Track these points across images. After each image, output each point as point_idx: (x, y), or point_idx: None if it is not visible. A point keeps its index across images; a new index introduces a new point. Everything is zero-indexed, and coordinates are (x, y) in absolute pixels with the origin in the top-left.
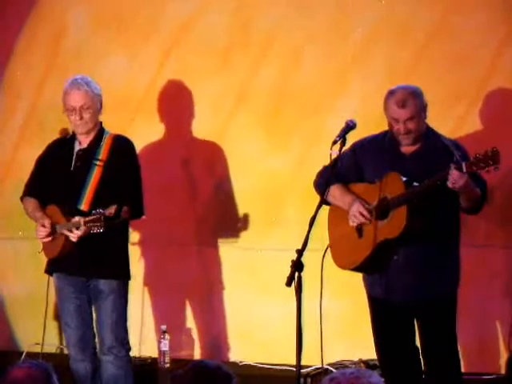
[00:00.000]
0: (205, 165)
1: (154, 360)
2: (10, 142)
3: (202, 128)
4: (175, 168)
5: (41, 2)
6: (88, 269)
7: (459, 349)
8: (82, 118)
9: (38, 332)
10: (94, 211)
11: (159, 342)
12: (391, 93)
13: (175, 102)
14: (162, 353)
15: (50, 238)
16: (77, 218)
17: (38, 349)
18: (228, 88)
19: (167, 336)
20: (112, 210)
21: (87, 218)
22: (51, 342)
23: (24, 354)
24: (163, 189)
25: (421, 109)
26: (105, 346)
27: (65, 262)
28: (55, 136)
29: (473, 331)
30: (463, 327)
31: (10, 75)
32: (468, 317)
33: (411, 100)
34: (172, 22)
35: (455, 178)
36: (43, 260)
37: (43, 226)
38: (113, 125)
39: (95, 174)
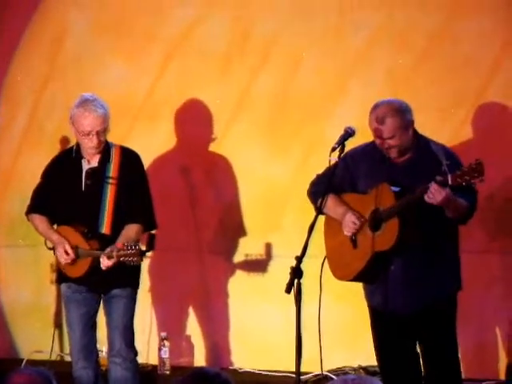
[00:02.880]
0: (205, 172)
1: (154, 367)
2: (10, 150)
3: (201, 135)
4: (175, 176)
5: (40, 10)
6: (107, 284)
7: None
8: (99, 141)
9: (39, 339)
10: (127, 244)
11: (159, 349)
12: (375, 107)
13: (175, 110)
14: (162, 360)
15: (72, 263)
16: (109, 249)
17: (38, 356)
18: (228, 95)
19: (167, 343)
20: (144, 242)
21: (122, 252)
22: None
23: (24, 361)
24: (163, 196)
25: (402, 127)
26: (114, 348)
27: (84, 279)
28: (55, 144)
29: (472, 337)
30: (462, 333)
31: (10, 82)
32: (467, 322)
33: (390, 118)
34: (172, 29)
35: (433, 193)
36: (44, 268)
37: (66, 252)
38: (112, 132)
39: (110, 194)
